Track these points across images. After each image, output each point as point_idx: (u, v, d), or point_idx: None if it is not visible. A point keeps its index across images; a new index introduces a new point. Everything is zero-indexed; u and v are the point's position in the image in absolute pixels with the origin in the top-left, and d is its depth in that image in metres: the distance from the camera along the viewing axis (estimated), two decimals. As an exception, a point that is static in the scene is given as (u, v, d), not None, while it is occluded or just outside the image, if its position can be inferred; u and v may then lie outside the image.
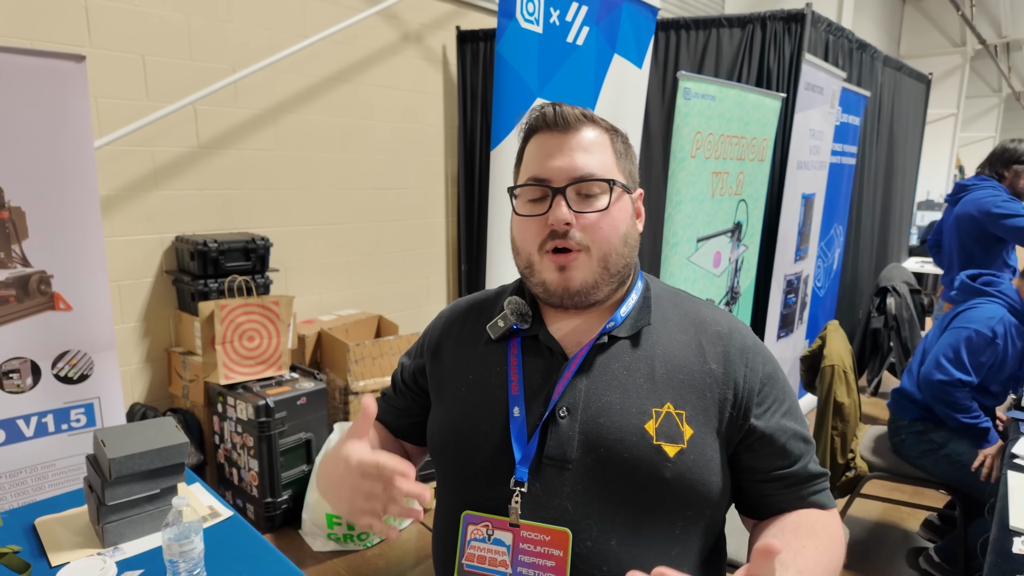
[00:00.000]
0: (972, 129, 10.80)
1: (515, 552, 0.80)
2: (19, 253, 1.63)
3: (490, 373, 0.89)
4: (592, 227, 0.83)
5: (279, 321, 2.52)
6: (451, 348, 0.96)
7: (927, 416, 2.10)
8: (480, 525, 0.83)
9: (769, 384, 0.86)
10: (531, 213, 0.86)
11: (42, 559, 1.13)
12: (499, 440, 0.84)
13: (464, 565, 0.83)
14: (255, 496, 2.42)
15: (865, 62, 3.82)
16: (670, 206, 2.14)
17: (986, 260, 2.67)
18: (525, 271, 0.89)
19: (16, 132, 1.57)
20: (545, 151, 0.86)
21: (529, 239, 0.86)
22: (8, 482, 1.67)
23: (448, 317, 1.01)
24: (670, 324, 0.89)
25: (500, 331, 0.90)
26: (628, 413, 0.81)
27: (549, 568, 0.79)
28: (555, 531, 0.79)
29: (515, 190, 0.89)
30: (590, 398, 0.83)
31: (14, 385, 1.66)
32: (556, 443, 0.82)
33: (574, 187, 0.83)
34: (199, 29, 2.59)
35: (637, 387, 0.83)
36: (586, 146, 0.85)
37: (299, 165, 3.00)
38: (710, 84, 2.19)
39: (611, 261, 0.84)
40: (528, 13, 1.79)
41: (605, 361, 0.85)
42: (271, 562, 1.15)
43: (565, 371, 0.85)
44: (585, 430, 0.81)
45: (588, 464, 0.80)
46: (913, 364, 2.21)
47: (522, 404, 0.85)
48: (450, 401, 0.92)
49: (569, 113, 0.86)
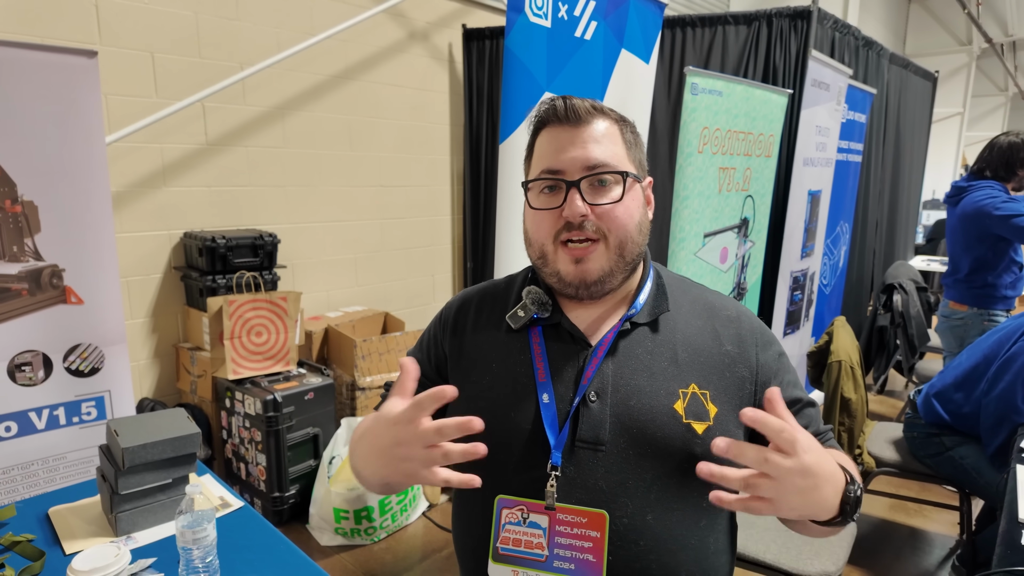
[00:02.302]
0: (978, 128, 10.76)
1: (551, 534, 0.82)
2: (31, 247, 1.64)
3: (514, 361, 0.91)
4: (607, 217, 0.85)
5: (287, 317, 2.53)
6: (469, 339, 0.97)
7: (947, 423, 2.07)
8: (515, 509, 0.84)
9: (778, 361, 0.93)
10: (545, 206, 0.87)
11: (56, 547, 1.15)
12: (531, 426, 0.86)
13: (499, 548, 0.84)
14: (262, 490, 2.43)
15: (871, 59, 3.82)
16: (677, 201, 2.14)
17: (995, 259, 2.66)
18: (538, 261, 0.90)
19: (29, 127, 1.59)
20: (557, 144, 0.87)
21: (543, 231, 0.87)
22: (20, 474, 1.68)
23: (460, 308, 1.01)
24: (684, 310, 0.93)
25: (521, 321, 0.91)
26: (657, 395, 0.85)
27: (587, 549, 0.81)
28: (592, 513, 0.82)
29: (528, 184, 0.90)
30: (618, 382, 0.86)
31: (26, 378, 1.68)
32: (589, 426, 0.84)
33: (588, 179, 0.85)
34: (208, 27, 2.61)
35: (662, 370, 0.87)
36: (597, 138, 0.86)
37: (306, 162, 3.01)
38: (717, 80, 2.19)
39: (627, 249, 0.87)
40: (537, 7, 1.80)
41: (628, 346, 0.89)
42: (282, 552, 1.16)
43: (592, 357, 0.87)
44: (616, 412, 0.85)
45: (621, 445, 0.84)
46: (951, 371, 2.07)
47: (550, 390, 0.87)
48: (474, 391, 0.92)
49: (580, 106, 0.87)
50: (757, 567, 1.60)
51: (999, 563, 1.20)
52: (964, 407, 2.00)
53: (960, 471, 2.03)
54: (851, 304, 4.24)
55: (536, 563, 0.83)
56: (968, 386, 2.01)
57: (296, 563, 1.12)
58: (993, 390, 1.90)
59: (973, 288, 2.73)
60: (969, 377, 2.01)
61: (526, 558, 0.83)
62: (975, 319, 2.74)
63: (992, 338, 2.02)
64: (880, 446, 2.28)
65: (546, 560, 0.82)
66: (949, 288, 2.84)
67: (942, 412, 2.06)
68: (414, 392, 0.77)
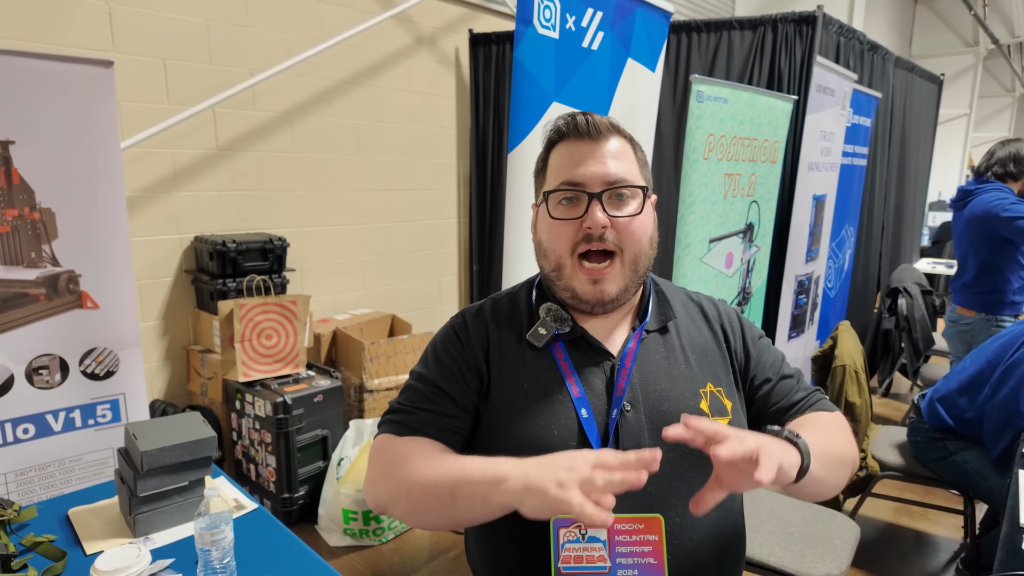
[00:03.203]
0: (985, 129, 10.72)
1: (612, 545, 0.84)
2: (49, 253, 1.68)
3: (544, 380, 0.92)
4: (625, 230, 0.88)
5: (296, 320, 2.56)
6: (495, 360, 0.95)
7: (951, 428, 2.08)
8: (572, 527, 0.85)
9: (753, 340, 1.01)
10: (563, 216, 0.89)
11: (76, 548, 1.18)
12: (576, 443, 0.87)
13: (561, 569, 0.84)
14: (272, 492, 2.46)
15: (876, 63, 3.83)
16: (683, 207, 2.16)
17: (1001, 262, 2.67)
18: (552, 274, 0.92)
19: (47, 136, 1.62)
20: (576, 157, 0.90)
21: (562, 242, 0.89)
22: (38, 475, 1.72)
23: (476, 330, 0.98)
24: (680, 314, 0.99)
25: (544, 339, 0.92)
26: (683, 397, 0.90)
27: (648, 553, 0.84)
28: (647, 519, 0.84)
29: (549, 194, 0.91)
30: (646, 389, 0.90)
31: (43, 381, 1.71)
32: (629, 435, 0.88)
33: (608, 192, 0.88)
34: (218, 34, 2.64)
35: (681, 373, 0.92)
36: (615, 154, 0.90)
37: (315, 166, 3.04)
38: (723, 87, 2.21)
39: (640, 264, 0.91)
40: (545, 19, 1.82)
41: (645, 354, 0.93)
42: (296, 553, 1.18)
43: (621, 368, 0.91)
44: (652, 418, 0.89)
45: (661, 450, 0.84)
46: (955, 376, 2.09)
47: (588, 405, 0.89)
48: (509, 413, 0.91)
49: (601, 122, 0.91)
50: (762, 570, 1.62)
51: (1000, 567, 1.21)
52: (968, 412, 2.01)
53: (964, 475, 2.04)
54: (856, 308, 4.25)
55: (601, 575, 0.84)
56: (972, 391, 2.02)
57: (310, 564, 1.15)
58: (996, 395, 1.91)
59: (981, 294, 2.73)
60: (973, 382, 2.02)
61: (590, 573, 0.84)
62: (982, 324, 2.74)
63: (996, 343, 2.03)
64: (884, 450, 2.30)
65: (610, 571, 0.84)
66: (956, 293, 2.85)
67: (946, 417, 2.07)
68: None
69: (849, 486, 2.29)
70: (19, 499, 1.67)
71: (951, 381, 2.10)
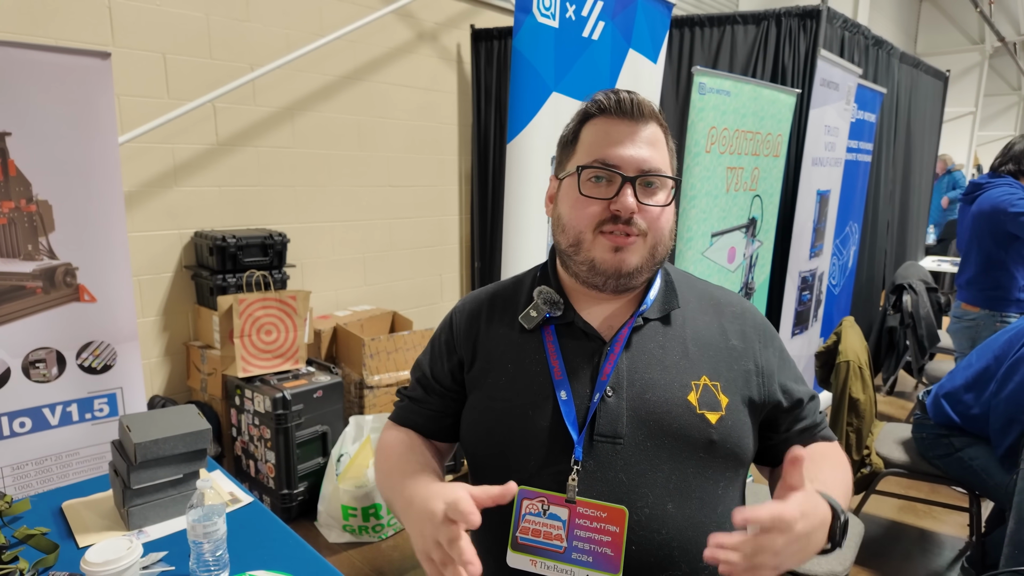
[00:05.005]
0: (991, 128, 10.66)
1: (571, 527, 0.84)
2: (46, 246, 1.67)
3: (529, 361, 0.92)
4: (651, 218, 0.87)
5: (296, 315, 2.55)
6: (483, 342, 0.97)
7: (956, 424, 2.06)
8: (535, 500, 0.86)
9: (781, 355, 0.97)
10: (593, 194, 0.87)
11: (69, 540, 1.16)
12: (551, 423, 0.88)
13: (519, 538, 0.86)
14: (271, 488, 2.45)
15: (881, 59, 3.80)
16: (684, 201, 2.14)
17: (1006, 258, 2.64)
18: (570, 248, 0.90)
19: (44, 128, 1.61)
20: (614, 137, 0.88)
21: (586, 218, 0.87)
22: (34, 469, 1.71)
23: (471, 312, 1.02)
24: (692, 305, 0.96)
25: (534, 321, 0.92)
26: (671, 387, 0.88)
27: (605, 543, 0.83)
28: (612, 508, 0.83)
29: (582, 169, 0.88)
30: (633, 376, 0.88)
31: (40, 375, 1.70)
32: (607, 421, 0.86)
33: (641, 178, 0.86)
34: (218, 28, 2.63)
35: (675, 363, 0.90)
36: (653, 141, 0.89)
37: (315, 162, 3.03)
38: (725, 79, 2.19)
39: (658, 251, 0.90)
40: (544, 8, 1.81)
41: (641, 342, 0.91)
42: (291, 546, 1.17)
43: (609, 353, 0.89)
44: (633, 406, 0.87)
45: (639, 438, 0.86)
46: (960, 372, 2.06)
47: (568, 387, 0.89)
48: (492, 391, 0.94)
49: (644, 104, 0.89)
50: (763, 566, 1.60)
51: (1006, 563, 1.20)
52: (974, 408, 1.99)
53: (969, 472, 2.02)
54: (861, 304, 4.22)
55: (554, 554, 0.84)
56: (978, 387, 1.99)
57: (304, 557, 1.13)
58: (1002, 391, 1.89)
59: (985, 290, 2.71)
60: (979, 378, 1.99)
61: (545, 548, 0.85)
62: (987, 320, 2.72)
63: (1003, 338, 2.00)
64: (889, 447, 2.27)
65: (564, 551, 0.84)
66: (961, 289, 2.82)
67: (951, 413, 2.05)
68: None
69: (853, 483, 2.26)
70: (15, 493, 1.66)
71: (956, 377, 2.08)
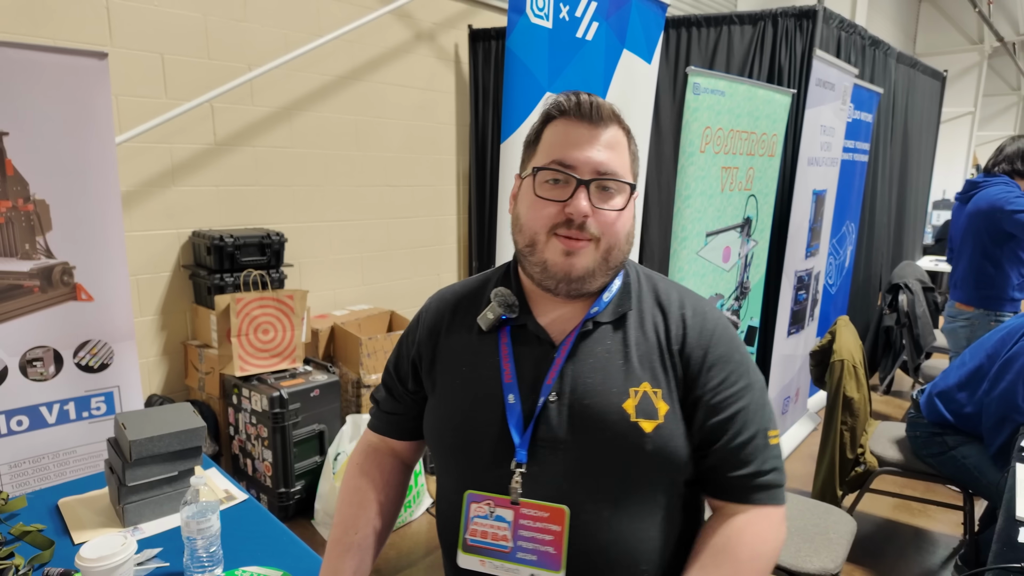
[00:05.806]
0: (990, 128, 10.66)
1: (515, 528, 0.86)
2: (43, 245, 1.68)
3: (483, 364, 0.92)
4: (605, 223, 0.86)
5: (293, 315, 2.56)
6: (443, 341, 0.98)
7: (949, 423, 2.07)
8: (483, 503, 0.88)
9: (720, 365, 0.88)
10: (548, 196, 0.87)
11: (65, 537, 1.18)
12: (497, 427, 0.89)
13: (468, 540, 0.89)
14: (268, 486, 2.46)
15: (878, 59, 3.81)
16: (679, 200, 2.15)
17: (1001, 257, 2.65)
18: (525, 249, 0.90)
19: (41, 128, 1.62)
20: (572, 139, 0.87)
21: (540, 220, 0.87)
22: (31, 467, 1.72)
23: (436, 310, 1.01)
24: (645, 309, 0.93)
25: (490, 323, 0.92)
26: (608, 394, 0.87)
27: (548, 542, 0.85)
28: (553, 508, 0.85)
29: (538, 171, 0.88)
30: (576, 381, 0.88)
31: (37, 373, 1.71)
32: (548, 426, 0.87)
33: (597, 182, 0.86)
34: (216, 28, 2.64)
35: (616, 369, 0.88)
36: (612, 144, 0.87)
37: (313, 162, 3.04)
38: (719, 79, 2.20)
39: (612, 255, 0.88)
40: (538, 8, 1.81)
41: (589, 346, 0.90)
42: (285, 543, 1.18)
43: (555, 359, 0.89)
44: (573, 412, 0.87)
45: (578, 443, 0.86)
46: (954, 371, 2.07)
47: (516, 391, 0.89)
48: (446, 392, 0.95)
49: (604, 107, 0.87)
50: (756, 564, 1.60)
51: (995, 560, 1.20)
52: (967, 407, 2.00)
53: (962, 471, 2.03)
54: (858, 304, 4.23)
55: (501, 554, 0.87)
56: (971, 385, 2.00)
57: (298, 554, 1.15)
58: (994, 390, 1.90)
59: (980, 289, 2.72)
60: (972, 377, 2.00)
61: (492, 549, 0.87)
62: (982, 320, 2.73)
63: (995, 336, 2.01)
64: (883, 445, 2.28)
65: (511, 551, 0.86)
66: (955, 288, 2.83)
67: (945, 412, 2.06)
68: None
69: (847, 482, 2.27)
70: (13, 491, 1.67)
71: (950, 376, 2.09)
